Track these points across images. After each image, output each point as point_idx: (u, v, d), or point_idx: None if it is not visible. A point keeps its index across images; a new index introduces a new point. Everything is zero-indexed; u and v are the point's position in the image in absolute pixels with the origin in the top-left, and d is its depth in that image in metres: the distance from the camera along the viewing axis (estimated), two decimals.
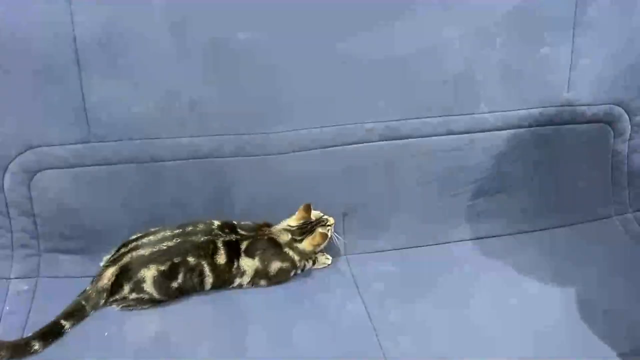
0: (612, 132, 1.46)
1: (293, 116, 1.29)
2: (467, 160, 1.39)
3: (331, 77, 1.28)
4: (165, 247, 1.17)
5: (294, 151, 1.30)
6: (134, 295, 1.15)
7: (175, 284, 1.17)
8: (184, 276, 1.17)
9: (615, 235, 1.45)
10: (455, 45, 1.30)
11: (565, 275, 1.27)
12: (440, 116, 1.35)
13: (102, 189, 1.25)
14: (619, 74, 1.41)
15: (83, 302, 1.14)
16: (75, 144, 1.21)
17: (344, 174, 1.34)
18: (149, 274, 1.15)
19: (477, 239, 1.42)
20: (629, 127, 1.47)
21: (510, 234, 1.43)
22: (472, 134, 1.37)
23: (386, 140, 1.34)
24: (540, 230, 1.45)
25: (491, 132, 1.37)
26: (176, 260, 1.17)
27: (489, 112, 1.36)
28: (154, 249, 1.16)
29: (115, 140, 1.22)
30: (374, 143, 1.34)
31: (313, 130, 1.30)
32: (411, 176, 1.38)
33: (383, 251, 1.38)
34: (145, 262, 1.15)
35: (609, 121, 1.45)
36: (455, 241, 1.41)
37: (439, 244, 1.40)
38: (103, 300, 1.16)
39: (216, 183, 1.30)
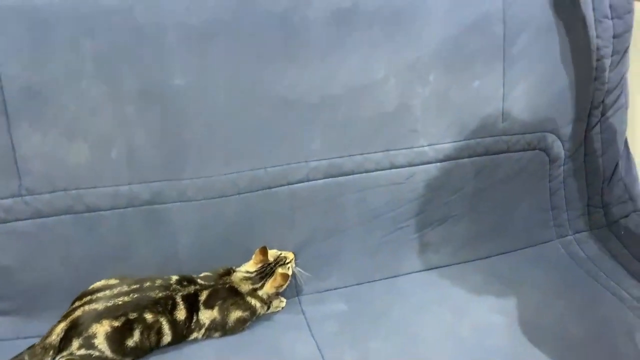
0: (547, 158, 1.52)
1: (235, 158, 1.28)
2: (410, 193, 1.40)
3: (271, 119, 1.28)
4: (120, 302, 1.11)
5: (238, 193, 1.29)
6: (82, 352, 1.07)
7: (131, 342, 1.10)
8: (141, 334, 1.11)
9: (558, 258, 1.49)
10: (391, 82, 1.34)
11: (512, 301, 1.29)
12: (381, 151, 1.37)
13: (36, 245, 1.19)
14: (549, 103, 1.48)
15: (26, 357, 1.07)
16: (6, 198, 1.16)
17: (290, 213, 1.33)
18: (101, 329, 1.07)
19: (425, 270, 1.42)
20: (563, 152, 1.53)
21: (456, 263, 1.45)
22: (413, 167, 1.39)
23: (330, 177, 1.34)
24: (486, 257, 1.47)
25: (432, 164, 1.40)
26: (132, 316, 1.10)
27: (428, 145, 1.39)
28: (109, 304, 1.10)
29: (49, 192, 1.18)
30: (318, 181, 1.34)
31: (257, 171, 1.29)
32: (357, 212, 1.38)
33: (334, 289, 1.37)
34: (98, 316, 1.08)
35: (544, 148, 1.51)
36: (403, 274, 1.41)
37: (388, 277, 1.40)
38: (49, 358, 1.08)
39: (159, 231, 1.26)
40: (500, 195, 1.49)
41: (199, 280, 1.21)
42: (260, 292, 1.23)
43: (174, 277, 1.20)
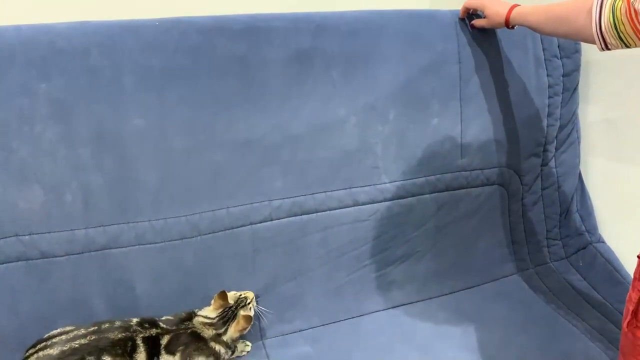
0: (506, 193, 1.55)
1: (195, 199, 1.26)
2: (373, 231, 1.41)
3: (232, 159, 1.27)
4: (77, 345, 1.06)
5: (200, 235, 1.26)
6: None
7: None
8: None
9: (520, 291, 1.50)
10: (352, 121, 1.35)
11: (476, 338, 1.29)
12: (343, 189, 1.37)
13: None
14: (505, 139, 1.51)
15: None
16: None
17: (252, 255, 1.31)
18: None
19: (390, 308, 1.41)
20: (521, 187, 1.56)
21: (421, 300, 1.44)
22: (376, 204, 1.39)
23: (293, 215, 1.34)
24: (449, 293, 1.47)
25: (393, 201, 1.41)
26: (89, 359, 1.06)
27: (390, 182, 1.41)
28: (64, 348, 1.05)
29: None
30: (281, 220, 1.33)
31: (217, 212, 1.27)
32: (320, 251, 1.37)
33: (298, 331, 1.34)
34: None
35: (502, 183, 1.53)
36: (368, 313, 1.39)
37: (353, 317, 1.38)
38: None
39: (115, 276, 1.22)
40: (462, 231, 1.50)
41: (160, 324, 1.17)
42: (224, 337, 1.20)
43: (135, 320, 1.16)
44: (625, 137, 1.46)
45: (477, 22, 1.40)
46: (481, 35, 1.44)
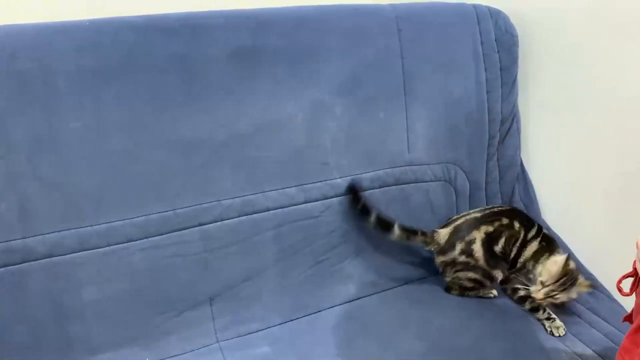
0: (453, 191, 1.55)
1: (140, 201, 1.21)
2: (326, 226, 1.40)
3: (177, 159, 1.24)
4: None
5: (146, 237, 1.22)
6: (462, 259, 1.38)
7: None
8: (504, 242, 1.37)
9: None
10: (299, 117, 1.35)
11: (433, 326, 1.30)
12: (295, 186, 1.36)
13: None
14: (449, 134, 1.52)
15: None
16: None
17: (203, 256, 1.28)
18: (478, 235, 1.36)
19: (348, 302, 1.40)
20: (468, 184, 1.57)
21: (378, 292, 1.43)
22: (328, 200, 1.39)
23: (245, 215, 1.31)
24: (404, 284, 1.47)
25: (345, 196, 1.41)
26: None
27: (340, 177, 1.40)
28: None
29: None
30: (232, 220, 1.30)
31: (165, 213, 1.24)
32: (274, 249, 1.35)
33: (257, 332, 1.31)
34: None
35: (448, 179, 1.54)
36: (327, 308, 1.38)
37: (312, 313, 1.36)
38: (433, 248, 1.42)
39: (60, 285, 1.16)
40: (416, 225, 1.48)
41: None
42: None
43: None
44: (565, 125, 1.51)
45: None
46: (422, 30, 1.47)
